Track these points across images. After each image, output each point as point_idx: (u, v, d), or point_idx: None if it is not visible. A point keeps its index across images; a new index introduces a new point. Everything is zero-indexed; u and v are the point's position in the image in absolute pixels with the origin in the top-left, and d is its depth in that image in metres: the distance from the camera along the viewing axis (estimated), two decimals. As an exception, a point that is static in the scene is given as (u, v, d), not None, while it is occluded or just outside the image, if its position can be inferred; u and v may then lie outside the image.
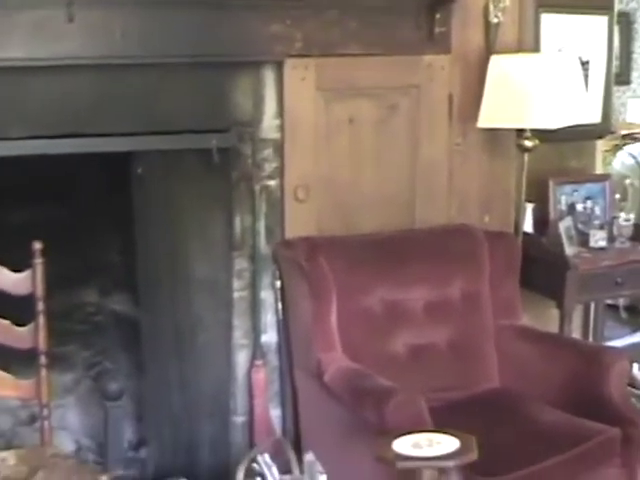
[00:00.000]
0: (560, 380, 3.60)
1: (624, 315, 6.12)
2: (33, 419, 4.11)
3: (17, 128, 3.29)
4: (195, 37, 3.41)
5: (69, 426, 4.34)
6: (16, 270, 3.05)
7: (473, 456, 2.69)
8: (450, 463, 2.66)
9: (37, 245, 2.99)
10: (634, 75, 10.59)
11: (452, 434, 2.78)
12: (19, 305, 3.03)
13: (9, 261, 3.03)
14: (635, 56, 10.57)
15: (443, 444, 2.73)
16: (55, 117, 3.34)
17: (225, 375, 3.84)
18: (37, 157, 3.32)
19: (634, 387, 4.28)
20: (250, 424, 3.82)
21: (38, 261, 3.00)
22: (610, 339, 5.03)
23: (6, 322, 3.04)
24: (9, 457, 3.01)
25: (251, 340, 3.82)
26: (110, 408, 4.20)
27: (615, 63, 5.04)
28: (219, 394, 3.87)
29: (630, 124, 9.61)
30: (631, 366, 4.22)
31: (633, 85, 10.55)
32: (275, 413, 3.87)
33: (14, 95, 3.29)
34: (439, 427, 2.91)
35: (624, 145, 7.84)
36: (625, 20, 10.36)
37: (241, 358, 3.82)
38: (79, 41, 3.24)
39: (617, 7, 4.86)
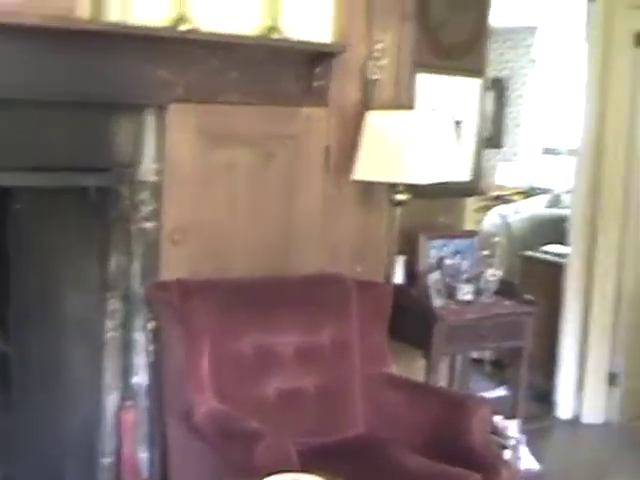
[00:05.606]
0: (425, 427, 3.68)
1: (489, 369, 6.28)
2: None
3: None
4: (77, 76, 3.38)
5: None
6: None
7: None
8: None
9: None
10: (505, 139, 10.97)
11: (318, 475, 2.81)
12: None
13: None
14: (507, 121, 10.94)
15: (309, 484, 2.77)
16: None
17: (94, 415, 3.80)
18: None
19: (497, 435, 4.39)
20: (117, 466, 3.79)
21: None
22: (475, 392, 5.14)
23: None
24: None
25: (122, 381, 3.80)
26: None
27: (488, 127, 5.21)
28: (87, 434, 3.83)
29: (500, 186, 9.96)
30: (494, 418, 4.32)
31: (504, 149, 10.92)
32: (143, 455, 3.85)
33: None
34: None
35: (495, 206, 8.12)
36: (499, 86, 10.73)
37: (111, 399, 3.79)
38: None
39: (491, 73, 5.04)
